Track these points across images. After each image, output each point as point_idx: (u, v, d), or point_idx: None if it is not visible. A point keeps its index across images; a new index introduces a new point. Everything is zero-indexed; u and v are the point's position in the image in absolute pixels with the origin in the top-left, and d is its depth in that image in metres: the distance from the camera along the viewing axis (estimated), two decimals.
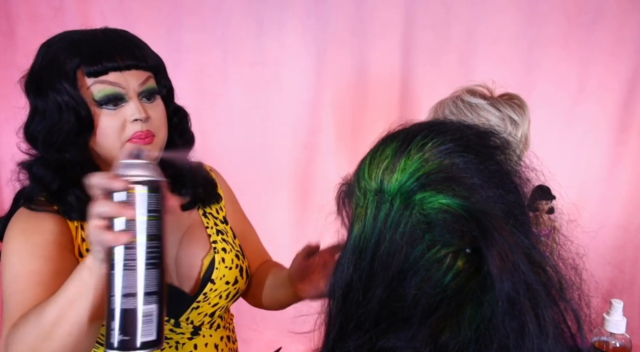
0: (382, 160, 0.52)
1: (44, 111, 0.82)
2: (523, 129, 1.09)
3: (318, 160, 2.19)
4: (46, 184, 0.83)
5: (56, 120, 0.80)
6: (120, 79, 0.80)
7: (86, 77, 0.79)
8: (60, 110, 0.80)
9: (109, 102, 0.80)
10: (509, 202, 0.50)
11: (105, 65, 0.79)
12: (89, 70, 0.79)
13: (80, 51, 0.80)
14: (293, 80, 2.12)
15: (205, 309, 0.92)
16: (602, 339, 0.95)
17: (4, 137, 2.18)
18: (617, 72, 2.05)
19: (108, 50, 0.80)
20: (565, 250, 0.54)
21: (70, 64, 0.79)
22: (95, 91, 0.79)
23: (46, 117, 0.81)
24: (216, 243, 0.97)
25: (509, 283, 0.45)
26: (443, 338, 0.47)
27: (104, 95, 0.80)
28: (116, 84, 0.80)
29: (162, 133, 0.87)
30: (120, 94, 0.81)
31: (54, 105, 0.80)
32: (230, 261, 0.97)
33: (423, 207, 0.49)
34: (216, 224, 1.01)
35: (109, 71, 0.80)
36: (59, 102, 0.80)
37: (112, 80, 0.80)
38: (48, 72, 0.81)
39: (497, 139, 0.54)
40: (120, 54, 0.81)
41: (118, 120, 0.81)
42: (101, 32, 0.84)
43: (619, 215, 2.20)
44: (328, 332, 0.55)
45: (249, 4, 2.04)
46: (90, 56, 0.79)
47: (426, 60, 2.09)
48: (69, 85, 0.79)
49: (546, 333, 0.45)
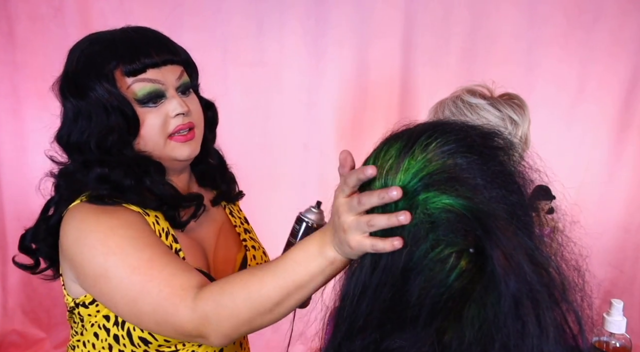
0: (386, 161, 0.53)
1: (89, 113, 0.80)
2: (523, 129, 1.09)
3: (318, 161, 2.19)
4: (118, 181, 0.80)
5: (105, 122, 0.79)
6: (159, 75, 0.81)
7: (125, 76, 0.80)
8: (107, 111, 0.79)
9: (150, 100, 0.81)
10: (512, 203, 0.50)
11: (143, 62, 0.80)
12: (127, 69, 0.79)
13: (116, 51, 0.80)
14: (293, 80, 2.12)
15: None
16: (602, 339, 0.95)
17: (4, 137, 2.18)
18: (617, 72, 2.06)
19: (143, 47, 0.81)
20: (568, 251, 0.54)
21: (108, 65, 0.79)
22: (137, 90, 0.80)
23: (93, 119, 0.80)
24: (246, 241, 1.00)
25: (513, 283, 0.45)
26: (446, 338, 0.47)
27: (146, 93, 0.80)
28: (156, 81, 0.81)
29: (202, 126, 0.88)
30: (161, 90, 0.81)
31: (98, 106, 0.79)
32: (260, 258, 0.99)
33: (427, 207, 0.49)
34: (242, 223, 1.04)
35: (147, 68, 0.80)
36: (104, 103, 0.79)
37: (151, 78, 0.80)
38: (86, 75, 0.80)
39: (500, 139, 0.54)
40: (156, 50, 0.81)
41: (160, 116, 0.82)
42: (131, 31, 0.84)
43: (619, 215, 2.20)
44: (336, 331, 0.55)
45: (249, 4, 2.04)
46: (127, 55, 0.79)
47: (426, 60, 2.09)
48: (111, 86, 0.79)
49: (547, 334, 0.45)
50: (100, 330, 0.84)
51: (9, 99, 2.13)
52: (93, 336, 0.85)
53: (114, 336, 0.83)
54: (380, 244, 0.53)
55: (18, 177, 2.17)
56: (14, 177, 2.18)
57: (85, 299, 0.83)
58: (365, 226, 0.54)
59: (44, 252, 0.87)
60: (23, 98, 2.12)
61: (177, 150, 0.84)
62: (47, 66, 2.08)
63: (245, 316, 0.67)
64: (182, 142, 0.84)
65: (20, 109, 2.13)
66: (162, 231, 0.83)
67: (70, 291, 0.85)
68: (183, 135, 0.84)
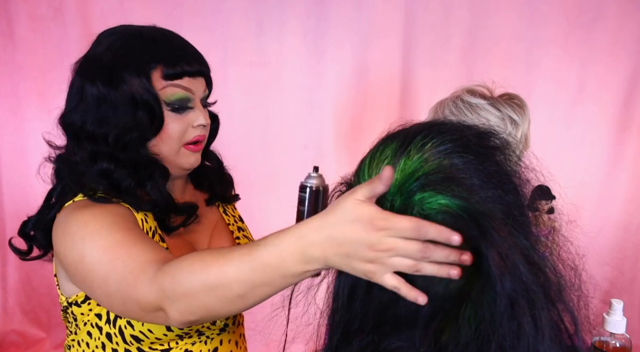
0: (382, 161, 0.52)
1: (115, 103, 0.79)
2: (523, 129, 1.09)
3: (318, 161, 2.19)
4: (118, 180, 0.80)
5: (131, 116, 0.79)
6: (192, 85, 0.82)
7: (162, 78, 0.80)
8: (136, 106, 0.79)
9: (178, 107, 0.82)
10: (508, 203, 0.50)
11: (184, 69, 0.81)
12: (167, 72, 0.80)
13: (159, 52, 0.80)
14: (293, 80, 2.12)
15: None
16: (602, 339, 0.95)
17: (4, 137, 2.18)
18: (616, 72, 2.05)
19: (184, 55, 0.82)
20: (565, 251, 0.54)
21: (149, 63, 0.79)
22: (169, 94, 0.80)
23: (118, 110, 0.79)
24: (239, 239, 1.00)
25: (509, 283, 0.45)
26: (444, 338, 0.47)
27: (177, 99, 0.81)
28: (188, 90, 0.82)
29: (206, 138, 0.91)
30: (190, 99, 0.83)
31: (127, 99, 0.79)
32: None
33: (423, 208, 0.49)
34: (235, 221, 1.04)
35: (184, 76, 0.81)
36: (136, 97, 0.79)
37: (185, 85, 0.81)
38: (124, 67, 0.79)
39: (496, 139, 0.54)
40: (195, 59, 0.83)
41: (183, 124, 0.83)
42: (168, 34, 0.84)
43: (618, 215, 2.20)
44: (332, 333, 0.55)
45: (249, 4, 2.04)
46: (170, 58, 0.80)
47: (426, 60, 2.09)
48: (148, 83, 0.79)
49: (542, 334, 0.45)
50: (93, 329, 0.84)
51: (9, 99, 2.13)
52: (87, 335, 0.86)
53: (107, 334, 0.83)
54: (406, 290, 0.47)
55: (18, 177, 2.17)
56: (14, 177, 2.18)
57: (77, 298, 0.83)
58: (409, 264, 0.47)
59: (39, 242, 0.87)
60: (23, 98, 2.12)
61: (185, 158, 0.86)
62: (47, 66, 2.09)
63: (202, 299, 0.62)
64: (192, 152, 0.86)
65: (20, 109, 2.14)
66: (150, 229, 0.84)
67: (64, 290, 0.86)
68: (196, 146, 0.86)
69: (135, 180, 0.81)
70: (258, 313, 1.14)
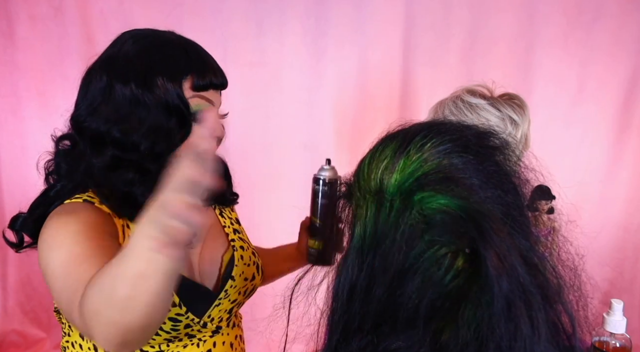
0: (381, 161, 0.52)
1: (148, 106, 0.77)
2: (523, 129, 1.09)
3: (318, 161, 2.19)
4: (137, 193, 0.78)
5: (165, 122, 0.77)
6: (214, 97, 0.83)
7: (192, 89, 0.80)
8: (169, 112, 0.77)
9: (198, 118, 0.80)
10: (508, 203, 0.50)
11: (212, 81, 0.81)
12: (197, 83, 0.79)
13: (191, 60, 0.80)
14: (293, 80, 2.12)
15: (225, 306, 0.93)
16: (602, 339, 0.95)
17: (4, 137, 2.18)
18: (616, 72, 2.05)
19: (213, 67, 0.82)
20: (565, 251, 0.54)
21: (182, 72, 0.79)
22: (194, 104, 0.80)
23: (151, 114, 0.77)
24: (234, 241, 0.99)
25: (506, 284, 0.45)
26: (443, 338, 0.47)
27: (200, 110, 0.81)
28: (210, 102, 0.82)
29: None
30: None
31: (161, 104, 0.77)
32: (248, 258, 0.99)
33: (422, 208, 0.49)
34: (232, 223, 1.04)
35: (210, 88, 0.82)
36: (169, 102, 0.77)
37: (210, 98, 0.82)
38: (159, 72, 0.78)
39: (496, 139, 0.54)
40: (221, 72, 0.84)
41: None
42: (195, 44, 0.84)
43: (618, 215, 2.20)
44: (331, 333, 0.55)
45: (249, 4, 2.04)
46: (201, 69, 0.80)
47: (426, 60, 2.09)
48: (180, 90, 0.78)
49: (539, 335, 0.45)
50: None
51: (8, 98, 2.13)
52: (79, 337, 0.86)
53: None
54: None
55: (18, 177, 2.18)
56: (14, 177, 2.18)
57: None
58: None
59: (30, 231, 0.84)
60: (23, 98, 2.12)
61: None
62: (47, 66, 2.09)
63: (105, 313, 0.60)
64: None
65: (20, 109, 2.14)
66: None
67: None
68: None
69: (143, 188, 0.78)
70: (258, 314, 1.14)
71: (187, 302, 0.84)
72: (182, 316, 0.83)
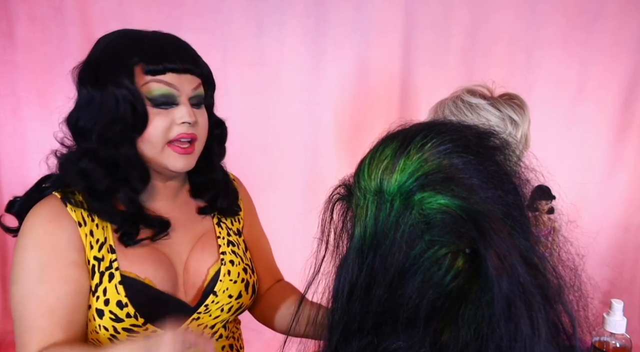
0: (381, 161, 0.52)
1: (100, 103, 0.81)
2: (523, 129, 1.09)
3: (318, 160, 2.19)
4: (93, 181, 0.82)
5: (113, 114, 0.80)
6: (176, 81, 0.82)
7: (144, 74, 0.80)
8: (118, 103, 0.80)
9: (161, 102, 0.81)
10: (508, 203, 0.50)
11: (165, 65, 0.81)
12: (149, 68, 0.80)
13: (142, 48, 0.81)
14: (293, 80, 2.12)
15: (205, 321, 0.91)
16: (602, 339, 0.95)
17: (4, 137, 2.18)
18: (616, 72, 2.06)
19: (169, 51, 0.82)
20: (565, 251, 0.54)
21: (130, 59, 0.80)
22: (152, 89, 0.81)
23: (102, 110, 0.81)
24: (225, 254, 0.95)
25: (506, 285, 0.45)
26: (443, 338, 0.47)
27: (160, 94, 0.81)
28: (172, 85, 0.82)
29: (203, 141, 0.89)
30: (174, 95, 0.82)
31: (111, 98, 0.80)
32: (236, 275, 0.94)
33: (422, 208, 0.49)
34: (229, 234, 0.99)
35: (167, 71, 0.81)
36: (117, 95, 0.80)
37: (169, 81, 0.81)
38: (108, 65, 0.81)
39: (496, 139, 0.54)
40: (181, 57, 0.83)
41: (166, 121, 0.82)
42: (161, 34, 0.85)
43: (619, 215, 2.20)
44: (331, 333, 0.55)
45: (249, 4, 2.04)
46: (152, 54, 0.81)
47: (426, 60, 2.09)
48: (128, 80, 0.80)
49: (539, 335, 0.45)
50: None
51: (8, 98, 2.13)
52: None
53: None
54: None
55: (18, 177, 2.17)
56: (14, 177, 2.18)
57: None
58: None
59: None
60: (23, 98, 2.12)
61: (171, 159, 0.84)
62: (47, 66, 2.09)
63: None
64: (179, 154, 0.84)
65: (20, 109, 2.14)
66: (97, 242, 0.84)
67: None
68: (183, 147, 0.84)
69: (110, 180, 0.82)
70: None
71: (147, 314, 0.83)
72: (139, 327, 0.83)
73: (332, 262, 0.57)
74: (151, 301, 0.84)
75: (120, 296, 0.82)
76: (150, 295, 0.84)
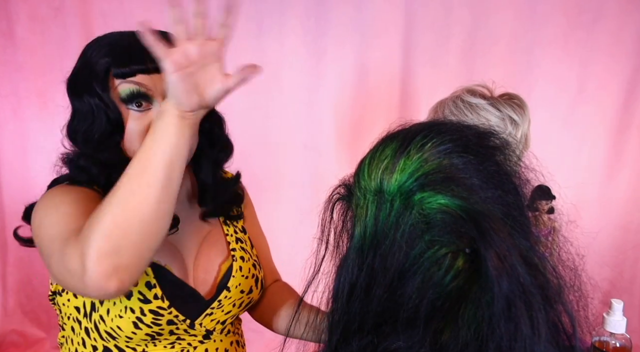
0: (381, 161, 0.52)
1: (80, 112, 0.83)
2: (523, 129, 1.09)
3: (318, 160, 2.19)
4: (93, 176, 0.84)
5: (90, 122, 0.82)
6: (147, 81, 0.82)
7: (115, 78, 0.81)
8: (93, 112, 0.82)
9: (133, 101, 0.81)
10: (508, 203, 0.50)
11: (132, 68, 0.81)
12: (117, 71, 0.80)
13: (111, 53, 0.81)
14: (293, 80, 2.12)
15: (218, 316, 0.92)
16: (602, 339, 0.95)
17: (4, 137, 2.18)
18: (616, 72, 2.06)
19: (138, 53, 0.81)
20: (565, 251, 0.54)
21: (101, 66, 0.81)
22: (121, 90, 0.81)
23: (82, 119, 0.83)
24: (235, 251, 0.96)
25: (506, 285, 0.45)
26: (443, 338, 0.47)
27: (129, 93, 0.81)
28: (142, 85, 0.81)
29: None
30: (146, 95, 0.82)
31: (87, 107, 0.82)
32: (247, 270, 0.96)
33: (422, 208, 0.49)
34: (236, 232, 1.00)
35: (137, 73, 0.81)
36: (91, 104, 0.81)
37: (138, 81, 0.81)
38: (83, 75, 0.83)
39: (496, 139, 0.54)
40: (150, 57, 0.81)
41: (143, 123, 0.82)
42: (134, 35, 0.84)
43: (618, 215, 2.20)
44: (331, 333, 0.55)
45: (249, 4, 2.04)
46: (120, 58, 0.81)
47: (426, 60, 2.09)
48: (100, 87, 0.81)
49: (539, 335, 0.45)
50: (75, 323, 0.86)
51: (9, 98, 2.13)
52: (71, 331, 0.87)
53: (85, 329, 0.84)
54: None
55: (18, 177, 2.18)
56: (14, 177, 2.18)
57: (59, 286, 0.86)
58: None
59: None
60: (23, 98, 2.12)
61: None
62: (47, 66, 2.09)
63: (107, 220, 0.68)
64: None
65: (20, 109, 2.14)
66: None
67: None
68: None
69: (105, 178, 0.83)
70: None
71: (171, 298, 0.84)
72: (164, 310, 0.83)
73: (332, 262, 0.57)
74: (173, 286, 0.85)
75: (149, 278, 0.83)
76: (172, 281, 0.85)
